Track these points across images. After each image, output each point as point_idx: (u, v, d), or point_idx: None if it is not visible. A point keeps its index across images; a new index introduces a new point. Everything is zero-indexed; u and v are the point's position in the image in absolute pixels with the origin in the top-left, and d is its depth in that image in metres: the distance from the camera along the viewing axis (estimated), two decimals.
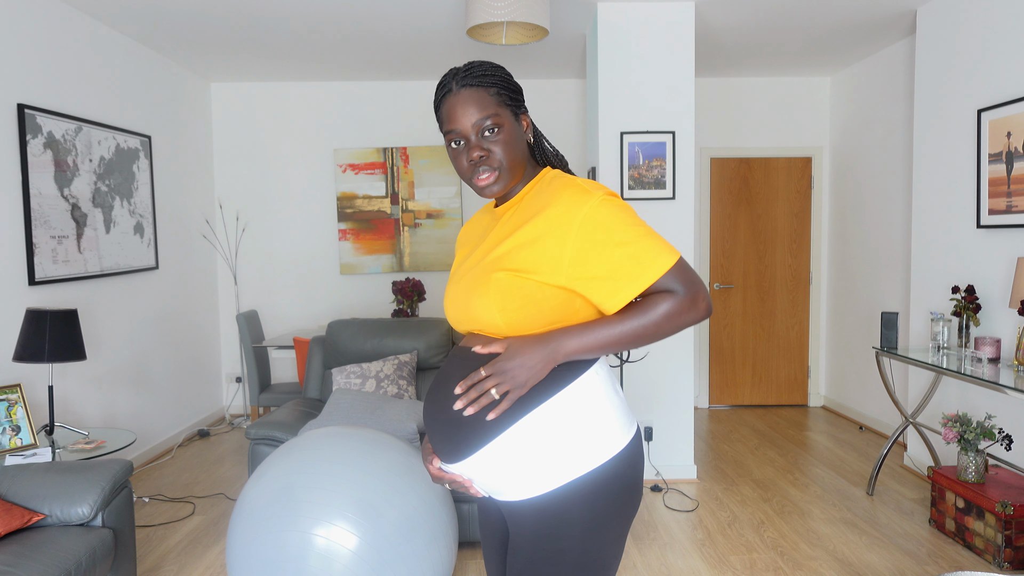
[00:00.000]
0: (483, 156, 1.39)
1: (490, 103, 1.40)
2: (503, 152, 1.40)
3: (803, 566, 3.28)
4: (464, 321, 1.45)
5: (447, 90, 1.42)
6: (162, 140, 5.29)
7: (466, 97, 1.39)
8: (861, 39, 5.09)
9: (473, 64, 1.43)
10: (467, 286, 1.43)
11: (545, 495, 1.35)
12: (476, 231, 1.60)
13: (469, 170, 1.41)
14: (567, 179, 1.41)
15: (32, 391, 3.75)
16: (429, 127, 6.24)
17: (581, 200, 1.33)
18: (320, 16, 4.45)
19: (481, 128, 1.39)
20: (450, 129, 1.41)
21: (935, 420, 4.36)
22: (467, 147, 1.41)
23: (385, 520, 2.31)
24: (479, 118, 1.39)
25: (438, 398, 1.44)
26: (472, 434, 1.37)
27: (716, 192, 6.26)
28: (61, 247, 3.99)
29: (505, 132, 1.40)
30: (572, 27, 4.79)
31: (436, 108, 1.46)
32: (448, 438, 1.40)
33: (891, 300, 5.29)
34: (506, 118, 1.41)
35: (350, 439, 2.50)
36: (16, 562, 2.24)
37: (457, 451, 1.40)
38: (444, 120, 1.43)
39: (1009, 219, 3.69)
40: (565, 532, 1.35)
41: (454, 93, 1.41)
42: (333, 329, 4.01)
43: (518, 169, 1.44)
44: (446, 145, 1.45)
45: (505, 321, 1.37)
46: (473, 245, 1.55)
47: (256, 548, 2.27)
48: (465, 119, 1.39)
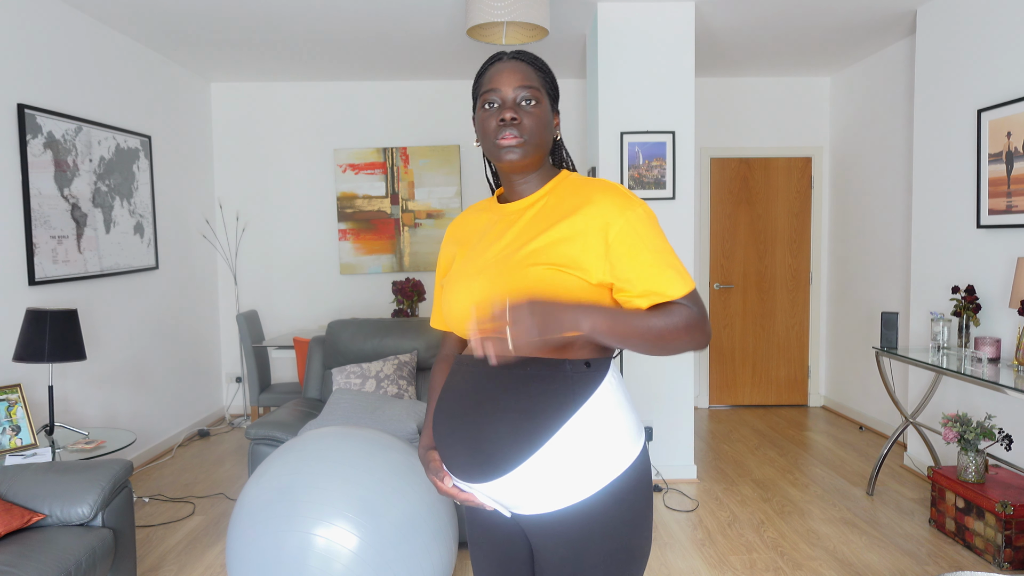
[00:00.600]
0: (514, 119, 1.39)
1: (535, 78, 1.43)
2: (533, 124, 1.40)
3: (803, 566, 3.28)
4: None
5: (497, 59, 1.45)
6: (162, 140, 5.29)
7: (515, 66, 1.42)
8: (861, 39, 5.09)
9: (526, 51, 1.47)
10: (492, 282, 1.37)
11: (584, 501, 1.33)
12: (474, 228, 1.54)
13: (496, 130, 1.40)
14: (606, 181, 1.42)
15: (32, 391, 3.75)
16: (429, 127, 6.24)
17: (626, 204, 1.35)
18: (320, 16, 4.45)
19: (520, 96, 1.41)
20: (490, 88, 1.42)
21: (935, 420, 4.36)
22: (500, 108, 1.41)
23: (385, 520, 2.31)
24: (521, 84, 1.40)
25: (456, 415, 1.39)
26: (506, 454, 1.32)
27: (716, 192, 6.26)
28: (61, 247, 3.99)
29: (540, 109, 1.42)
30: (572, 27, 4.79)
31: (479, 76, 1.47)
32: (475, 459, 1.35)
33: (891, 300, 5.29)
34: (544, 100, 1.43)
35: (350, 439, 2.50)
36: (16, 562, 2.24)
37: (486, 471, 1.35)
38: (485, 82, 1.43)
39: (1009, 219, 3.69)
40: (609, 533, 1.34)
41: (504, 61, 1.44)
42: (333, 329, 4.01)
43: (541, 150, 1.43)
44: (477, 108, 1.44)
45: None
46: (478, 242, 1.48)
47: (256, 548, 2.27)
48: (508, 83, 1.40)
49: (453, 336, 1.65)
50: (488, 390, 1.36)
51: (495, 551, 1.52)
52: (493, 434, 1.33)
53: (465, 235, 1.55)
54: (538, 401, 1.32)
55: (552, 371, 1.34)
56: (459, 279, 1.43)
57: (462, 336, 1.47)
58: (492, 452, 1.33)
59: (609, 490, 1.33)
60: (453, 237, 1.58)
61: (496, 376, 1.36)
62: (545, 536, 1.37)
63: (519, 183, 1.46)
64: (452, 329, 1.47)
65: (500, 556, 1.52)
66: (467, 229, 1.56)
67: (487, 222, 1.51)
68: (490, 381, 1.36)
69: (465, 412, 1.38)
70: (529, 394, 1.33)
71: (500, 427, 1.32)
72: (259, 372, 5.29)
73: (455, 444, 1.39)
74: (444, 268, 1.59)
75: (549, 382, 1.33)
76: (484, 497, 1.41)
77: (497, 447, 1.33)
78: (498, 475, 1.34)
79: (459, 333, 1.45)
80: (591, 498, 1.33)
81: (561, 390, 1.33)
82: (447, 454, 1.42)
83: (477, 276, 1.40)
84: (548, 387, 1.33)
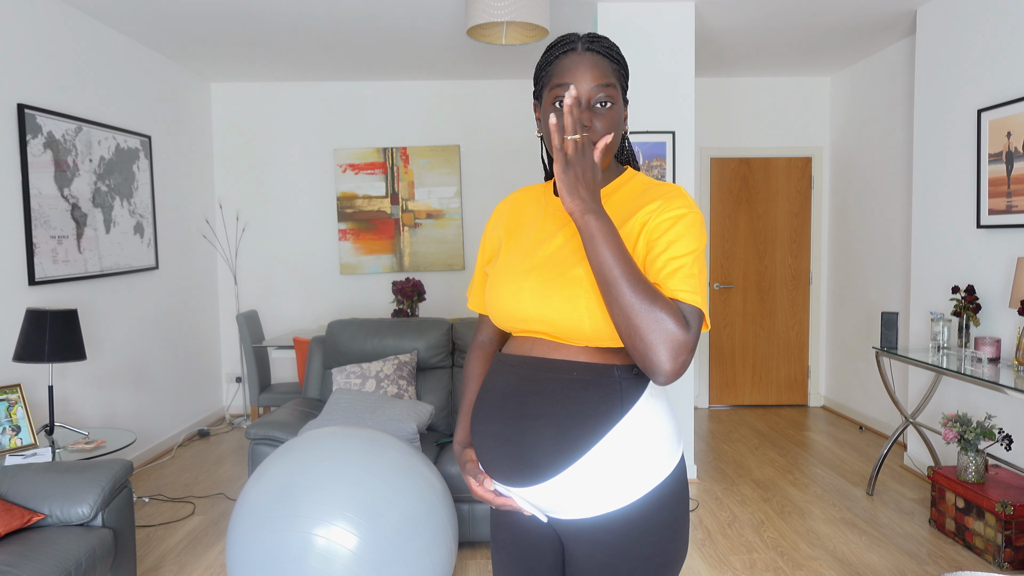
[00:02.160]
0: (586, 126, 1.29)
1: (611, 73, 1.32)
2: (606, 130, 1.31)
3: (803, 566, 3.28)
4: (534, 320, 1.32)
5: (569, 47, 1.32)
6: (162, 140, 5.29)
7: (591, 60, 1.30)
8: (861, 39, 5.09)
9: (598, 35, 1.34)
10: (542, 287, 1.30)
11: (627, 507, 1.30)
12: (525, 216, 1.45)
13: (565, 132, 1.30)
14: (674, 185, 1.34)
15: (32, 391, 3.75)
16: (429, 127, 6.24)
17: (682, 204, 1.28)
18: (320, 16, 4.45)
19: (595, 97, 1.30)
20: (562, 83, 1.30)
21: (935, 420, 4.36)
22: None
23: (385, 520, 2.31)
24: (598, 84, 1.29)
25: (498, 417, 1.35)
26: (550, 459, 1.29)
27: (716, 192, 6.26)
28: (61, 247, 3.99)
29: (614, 111, 1.32)
30: (572, 27, 4.79)
31: (545, 64, 1.35)
32: (518, 463, 1.32)
33: (891, 300, 5.29)
34: (618, 98, 1.33)
35: (350, 439, 2.50)
36: (16, 562, 2.24)
37: (529, 476, 1.31)
38: (555, 74, 1.32)
39: (1009, 219, 3.69)
40: (649, 539, 1.31)
41: (578, 52, 1.31)
42: (333, 329, 4.01)
43: (611, 153, 1.34)
44: (545, 102, 1.34)
45: (593, 327, 1.26)
46: (529, 235, 1.40)
47: (256, 548, 2.27)
48: (583, 81, 1.29)
49: (491, 323, 1.57)
50: (532, 392, 1.31)
51: (522, 555, 1.47)
52: (537, 438, 1.29)
53: (515, 222, 1.46)
54: (585, 406, 1.28)
55: (600, 376, 1.30)
56: (507, 275, 1.36)
57: (504, 329, 1.41)
58: (536, 456, 1.30)
59: (652, 496, 1.31)
60: (501, 220, 1.49)
61: (541, 378, 1.32)
62: (583, 541, 1.33)
63: None
64: (497, 323, 1.41)
65: (527, 560, 1.47)
66: (517, 215, 1.47)
67: (539, 213, 1.43)
68: (534, 383, 1.32)
69: (507, 414, 1.33)
70: (576, 398, 1.29)
71: (545, 431, 1.29)
72: (259, 372, 5.29)
73: (496, 447, 1.35)
74: (490, 252, 1.50)
75: (597, 387, 1.29)
76: (522, 502, 1.38)
77: (541, 451, 1.29)
78: (541, 480, 1.30)
79: (503, 327, 1.40)
80: (634, 504, 1.30)
81: (609, 395, 1.29)
82: (487, 457, 1.38)
83: (527, 276, 1.33)
84: (596, 392, 1.29)
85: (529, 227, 1.42)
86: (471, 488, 1.42)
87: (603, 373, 1.30)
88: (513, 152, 6.27)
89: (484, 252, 1.52)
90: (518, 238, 1.42)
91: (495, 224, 1.50)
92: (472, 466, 1.44)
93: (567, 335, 1.30)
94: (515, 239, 1.42)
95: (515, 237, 1.43)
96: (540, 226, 1.40)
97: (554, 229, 1.37)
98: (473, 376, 1.57)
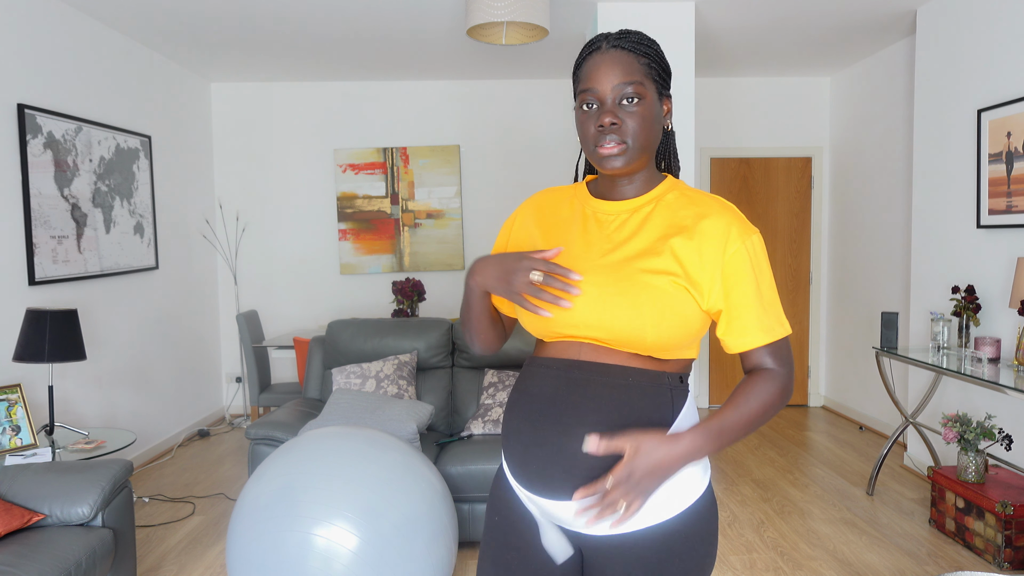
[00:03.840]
0: (614, 124, 1.24)
1: (637, 70, 1.25)
2: (637, 126, 1.25)
3: (803, 566, 3.28)
4: (589, 326, 1.25)
5: (595, 48, 1.28)
6: (162, 140, 5.29)
7: (614, 57, 1.25)
8: (861, 39, 5.09)
9: (629, 31, 1.30)
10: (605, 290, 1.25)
11: (669, 520, 1.27)
12: (562, 217, 1.38)
13: (595, 136, 1.26)
14: (721, 199, 1.31)
15: (32, 391, 3.75)
16: (429, 127, 6.25)
17: (744, 230, 1.26)
18: (320, 16, 4.45)
19: (620, 94, 1.24)
20: (587, 88, 1.26)
21: (935, 420, 4.36)
22: (599, 111, 1.25)
23: (385, 520, 2.31)
24: (621, 82, 1.24)
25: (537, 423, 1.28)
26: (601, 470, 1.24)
27: (716, 192, 6.26)
28: (61, 247, 3.99)
29: (644, 106, 1.25)
30: (572, 27, 4.79)
31: (577, 67, 1.31)
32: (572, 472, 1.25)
33: (891, 300, 5.29)
34: (649, 91, 1.26)
35: (350, 439, 2.50)
36: (16, 562, 2.24)
37: (574, 487, 1.25)
38: (582, 79, 1.27)
39: (1009, 219, 3.69)
40: (689, 553, 1.28)
41: (602, 51, 1.27)
42: (333, 329, 4.01)
43: (648, 151, 1.29)
44: (576, 108, 1.30)
45: (656, 337, 1.22)
46: (573, 238, 1.33)
47: (256, 548, 2.27)
48: (606, 80, 1.24)
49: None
50: (581, 396, 1.25)
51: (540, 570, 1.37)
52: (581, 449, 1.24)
53: (550, 223, 1.38)
54: (640, 413, 1.24)
55: (653, 383, 1.26)
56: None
57: (540, 335, 1.34)
58: (587, 466, 1.24)
59: (694, 507, 1.28)
60: (533, 219, 1.41)
61: (591, 382, 1.26)
62: (619, 558, 1.27)
63: (623, 184, 1.33)
64: (534, 330, 1.34)
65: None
66: (551, 217, 1.39)
67: (578, 215, 1.36)
68: (583, 387, 1.26)
69: (554, 419, 1.26)
70: (631, 405, 1.24)
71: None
72: (259, 372, 5.29)
73: (542, 456, 1.27)
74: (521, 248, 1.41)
75: (652, 395, 1.26)
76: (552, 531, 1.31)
77: (594, 460, 1.23)
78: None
79: (539, 332, 1.33)
80: (678, 516, 1.27)
81: (663, 403, 1.26)
82: (530, 467, 1.29)
83: (582, 280, 1.27)
84: (650, 399, 1.26)
85: (569, 229, 1.35)
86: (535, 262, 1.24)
87: (656, 380, 1.27)
88: (513, 152, 6.27)
89: (510, 248, 1.43)
90: (555, 237, 1.35)
91: (525, 222, 1.42)
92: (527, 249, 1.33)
93: (624, 343, 1.25)
94: (552, 238, 1.35)
95: (555, 239, 1.35)
96: (585, 228, 1.33)
97: (602, 232, 1.31)
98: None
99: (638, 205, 1.32)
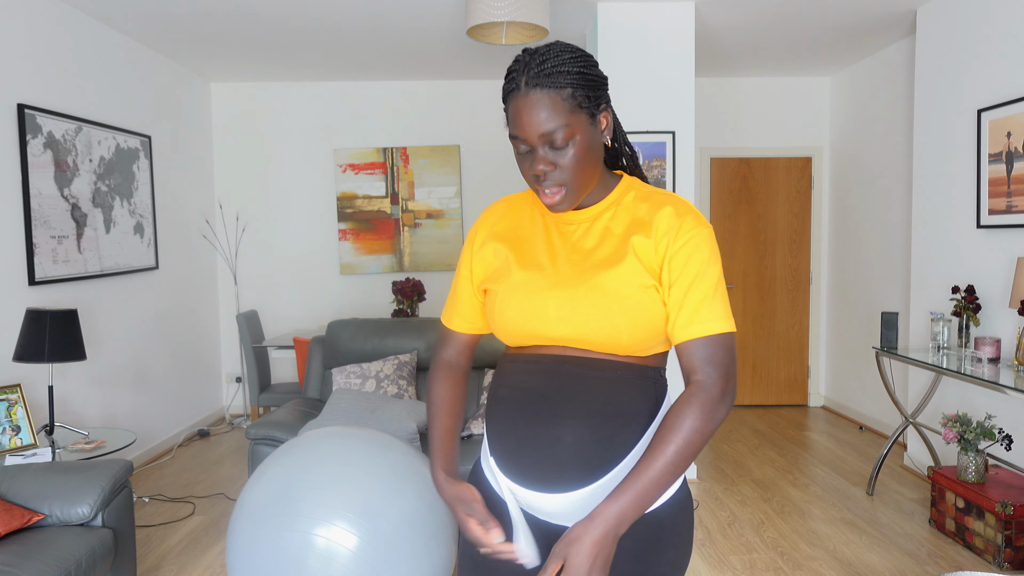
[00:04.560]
0: (548, 171, 1.23)
1: (562, 109, 1.19)
2: (572, 168, 1.23)
3: (803, 566, 3.28)
4: (563, 338, 1.27)
5: (514, 87, 1.22)
6: (162, 140, 5.29)
7: (535, 100, 1.19)
8: (861, 39, 5.09)
9: (547, 57, 1.21)
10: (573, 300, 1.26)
11: (656, 510, 1.29)
12: (523, 228, 1.39)
13: (533, 180, 1.26)
14: (674, 195, 1.32)
15: (32, 391, 3.75)
16: (429, 127, 6.25)
17: (694, 224, 1.27)
18: (320, 16, 4.45)
19: (548, 140, 1.21)
20: (514, 134, 1.24)
21: (935, 420, 4.36)
22: (532, 157, 1.24)
23: (385, 520, 2.31)
24: (547, 129, 1.20)
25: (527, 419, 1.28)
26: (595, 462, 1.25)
27: (716, 192, 6.26)
28: (61, 247, 3.99)
29: (577, 144, 1.22)
30: (572, 27, 4.79)
31: (503, 99, 1.27)
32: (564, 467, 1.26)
33: (891, 300, 5.29)
34: (580, 126, 1.21)
35: (350, 439, 2.50)
36: (16, 562, 2.24)
37: (575, 480, 1.26)
38: (509, 121, 1.25)
39: (1009, 219, 3.69)
40: (674, 542, 1.31)
41: (522, 93, 1.21)
42: (333, 329, 4.01)
43: (589, 184, 1.28)
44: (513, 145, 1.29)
45: (632, 340, 1.24)
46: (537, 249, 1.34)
47: (256, 548, 2.27)
48: (531, 128, 1.20)
49: (462, 342, 1.50)
50: (573, 389, 1.26)
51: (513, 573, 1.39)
52: (581, 439, 1.25)
53: (514, 235, 1.38)
54: (629, 403, 1.26)
55: (640, 375, 1.28)
56: (526, 292, 1.30)
57: (514, 343, 1.35)
58: (579, 459, 1.25)
59: (671, 500, 1.31)
60: (493, 233, 1.40)
61: (581, 375, 1.26)
62: None
63: None
64: (507, 339, 1.34)
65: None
66: (514, 228, 1.39)
67: (540, 227, 1.37)
68: (574, 379, 1.26)
69: (546, 412, 1.27)
70: (620, 395, 1.26)
71: (595, 428, 1.25)
72: (259, 372, 5.29)
73: (530, 453, 1.28)
74: (487, 268, 1.39)
75: (639, 386, 1.27)
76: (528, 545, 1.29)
77: (587, 454, 1.25)
78: (582, 484, 1.25)
79: (512, 342, 1.34)
80: (662, 506, 1.29)
81: (648, 394, 1.28)
82: (521, 460, 1.29)
83: (551, 290, 1.28)
84: (638, 390, 1.27)
85: (531, 240, 1.35)
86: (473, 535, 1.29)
87: (642, 373, 1.29)
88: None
89: (474, 268, 1.41)
90: (525, 252, 1.34)
91: (485, 239, 1.40)
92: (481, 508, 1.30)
93: (602, 348, 1.26)
94: (521, 253, 1.34)
95: (520, 251, 1.35)
96: (549, 242, 1.34)
97: (566, 242, 1.33)
98: (447, 399, 1.46)
99: (598, 212, 1.32)
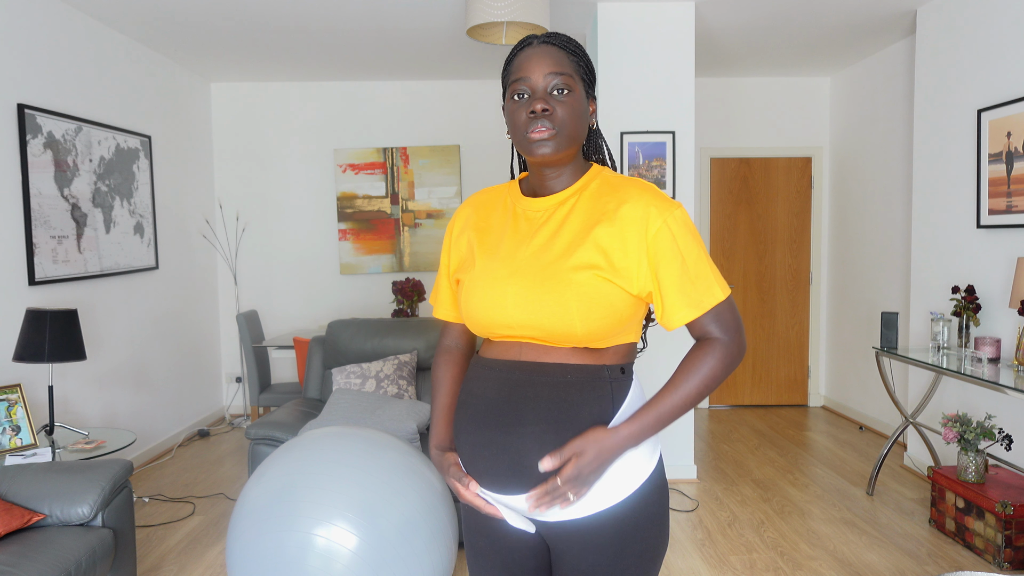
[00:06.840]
0: (546, 110, 1.29)
1: (567, 64, 1.33)
2: (567, 115, 1.31)
3: (803, 566, 3.28)
4: (521, 326, 1.31)
5: (526, 44, 1.35)
6: (162, 140, 5.29)
7: (545, 51, 1.32)
8: (861, 39, 5.09)
9: (558, 32, 1.38)
10: (530, 288, 1.29)
11: (619, 504, 1.32)
12: (495, 218, 1.43)
13: (526, 123, 1.31)
14: (641, 181, 1.35)
15: (32, 391, 3.75)
16: (429, 127, 6.24)
17: (664, 207, 1.29)
18: (320, 16, 4.45)
19: (551, 84, 1.31)
20: (519, 78, 1.32)
21: (935, 420, 4.36)
22: (531, 100, 1.31)
23: (385, 520, 2.31)
24: (552, 72, 1.31)
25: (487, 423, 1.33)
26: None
27: (716, 192, 6.26)
28: (61, 247, 3.99)
29: (573, 98, 1.32)
30: (572, 27, 4.79)
31: (507, 62, 1.37)
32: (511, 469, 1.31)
33: (891, 300, 5.29)
34: (578, 86, 1.33)
35: (350, 439, 2.50)
36: (16, 562, 2.24)
37: (524, 482, 1.31)
38: (513, 71, 1.34)
39: (1009, 219, 3.69)
40: (642, 536, 1.33)
41: (533, 47, 1.34)
42: (333, 329, 4.01)
43: (575, 142, 1.34)
44: (506, 100, 1.36)
45: (585, 329, 1.27)
46: (504, 238, 1.38)
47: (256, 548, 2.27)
48: (538, 70, 1.31)
49: (458, 328, 1.57)
50: (525, 397, 1.30)
51: (504, 562, 1.46)
52: (533, 443, 1.29)
53: (484, 225, 1.44)
54: (580, 408, 1.29)
55: (591, 377, 1.30)
56: (486, 282, 1.34)
57: (483, 336, 1.41)
58: (532, 462, 1.29)
59: (641, 491, 1.33)
60: (469, 223, 1.46)
61: (531, 383, 1.31)
62: (575, 543, 1.34)
63: (551, 177, 1.37)
64: (476, 330, 1.40)
65: (509, 566, 1.45)
66: (485, 218, 1.45)
67: (509, 215, 1.41)
68: (524, 387, 1.31)
69: (499, 421, 1.32)
70: (571, 401, 1.29)
71: (541, 436, 1.28)
72: (259, 372, 5.29)
73: (490, 456, 1.33)
74: (460, 258, 1.46)
75: (590, 389, 1.30)
76: (511, 513, 1.37)
77: (538, 456, 1.29)
78: (535, 486, 1.30)
79: (482, 334, 1.40)
80: (626, 500, 1.32)
81: (602, 396, 1.30)
82: (480, 466, 1.36)
83: (509, 281, 1.32)
84: (590, 394, 1.30)
85: (500, 230, 1.40)
86: (458, 492, 1.41)
87: (595, 374, 1.31)
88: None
89: (451, 259, 1.48)
90: (490, 242, 1.40)
91: (462, 229, 1.47)
92: (456, 469, 1.41)
93: (558, 339, 1.29)
94: (488, 243, 1.40)
95: (487, 241, 1.40)
96: (514, 228, 1.38)
97: (530, 230, 1.36)
98: (444, 380, 1.55)
99: (563, 198, 1.36)
